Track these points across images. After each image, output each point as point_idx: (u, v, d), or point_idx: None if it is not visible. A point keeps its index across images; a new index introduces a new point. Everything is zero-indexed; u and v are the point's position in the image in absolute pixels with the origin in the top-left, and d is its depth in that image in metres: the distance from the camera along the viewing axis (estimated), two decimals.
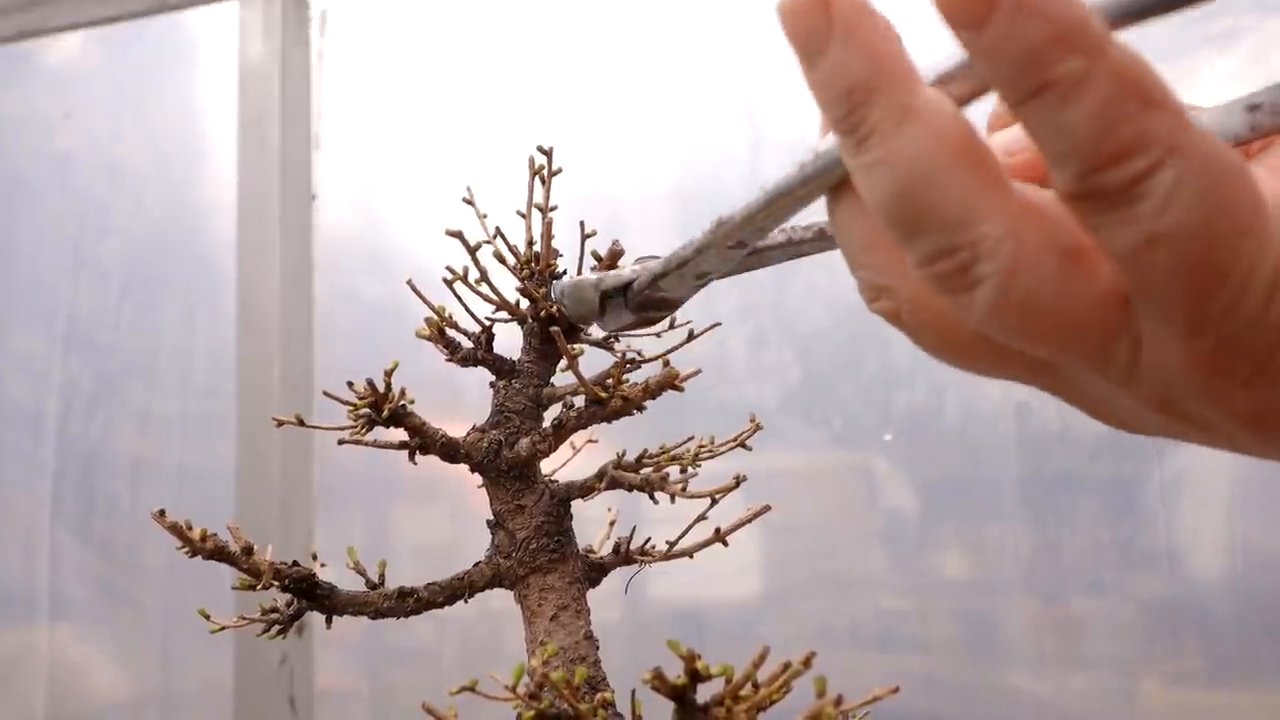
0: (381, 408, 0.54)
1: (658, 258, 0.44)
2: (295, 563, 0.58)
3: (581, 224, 0.57)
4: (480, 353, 0.58)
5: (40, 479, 1.70)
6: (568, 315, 0.50)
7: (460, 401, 1.24)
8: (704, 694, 0.39)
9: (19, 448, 1.73)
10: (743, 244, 0.39)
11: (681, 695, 0.38)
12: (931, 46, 0.33)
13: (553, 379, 0.59)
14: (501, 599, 0.61)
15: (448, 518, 1.53)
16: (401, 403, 0.54)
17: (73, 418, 1.71)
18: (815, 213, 0.38)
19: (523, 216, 0.58)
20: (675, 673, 0.38)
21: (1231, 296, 0.29)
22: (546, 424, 0.58)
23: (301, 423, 0.58)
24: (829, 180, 0.35)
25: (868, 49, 0.30)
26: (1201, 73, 1.27)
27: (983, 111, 0.34)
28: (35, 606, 1.68)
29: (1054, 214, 0.31)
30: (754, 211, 0.37)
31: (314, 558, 0.60)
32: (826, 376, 1.39)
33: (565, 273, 0.57)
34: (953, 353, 0.35)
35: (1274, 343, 0.30)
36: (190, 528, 0.55)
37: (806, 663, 0.38)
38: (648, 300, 0.45)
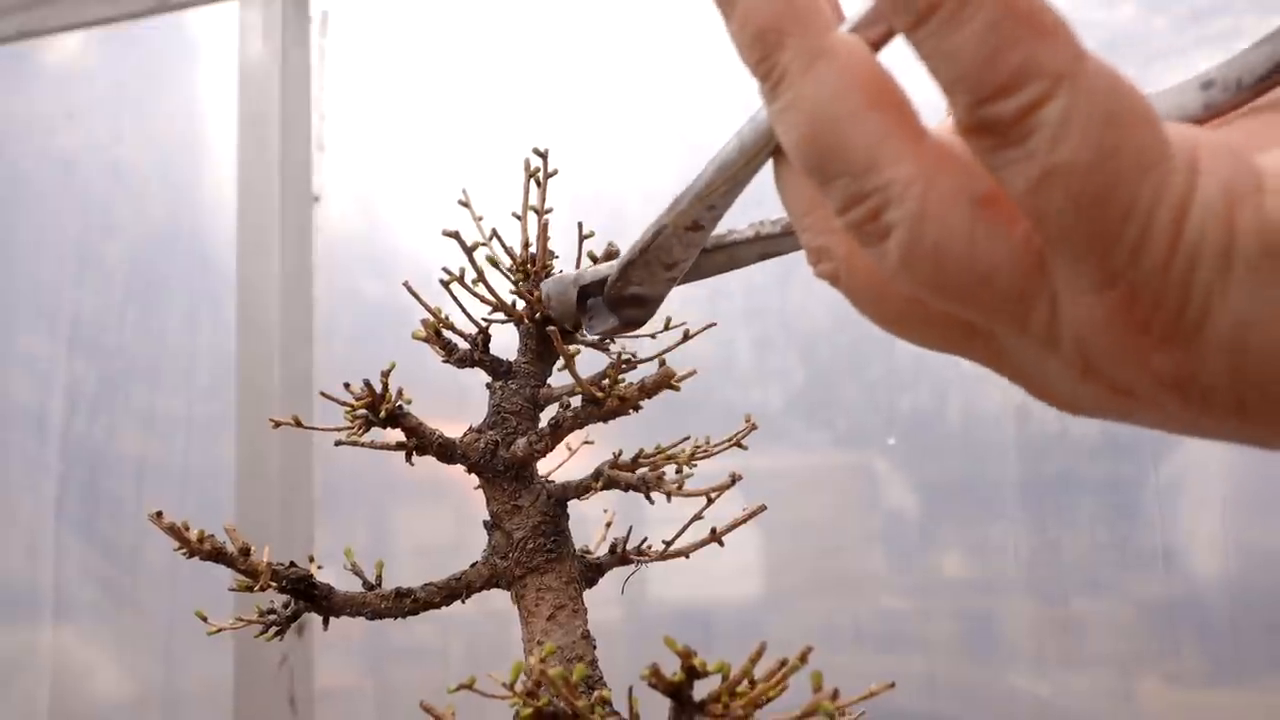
0: (378, 408, 0.54)
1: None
2: (292, 564, 0.58)
3: (579, 225, 0.58)
4: (477, 354, 0.58)
5: (45, 479, 1.71)
6: (553, 315, 0.50)
7: (467, 401, 1.24)
8: (702, 691, 0.39)
9: (23, 448, 1.73)
10: (699, 225, 0.39)
11: (678, 692, 0.38)
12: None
13: (549, 379, 0.59)
14: (503, 598, 0.61)
15: (449, 518, 1.54)
16: (398, 403, 0.55)
17: (77, 418, 1.71)
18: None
19: (519, 218, 0.58)
20: (673, 670, 0.38)
21: (1134, 238, 0.28)
22: (543, 424, 0.58)
23: (299, 424, 0.58)
24: (768, 145, 0.35)
25: None
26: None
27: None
28: (39, 606, 1.69)
29: (970, 162, 0.30)
30: (703, 187, 0.37)
31: (311, 560, 0.61)
32: (830, 378, 1.39)
33: (562, 273, 0.57)
34: (887, 317, 0.35)
35: (1182, 296, 0.28)
36: (188, 529, 0.55)
37: (803, 658, 0.38)
38: (622, 298, 0.45)
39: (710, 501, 0.57)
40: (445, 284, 0.57)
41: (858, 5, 0.31)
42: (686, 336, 0.58)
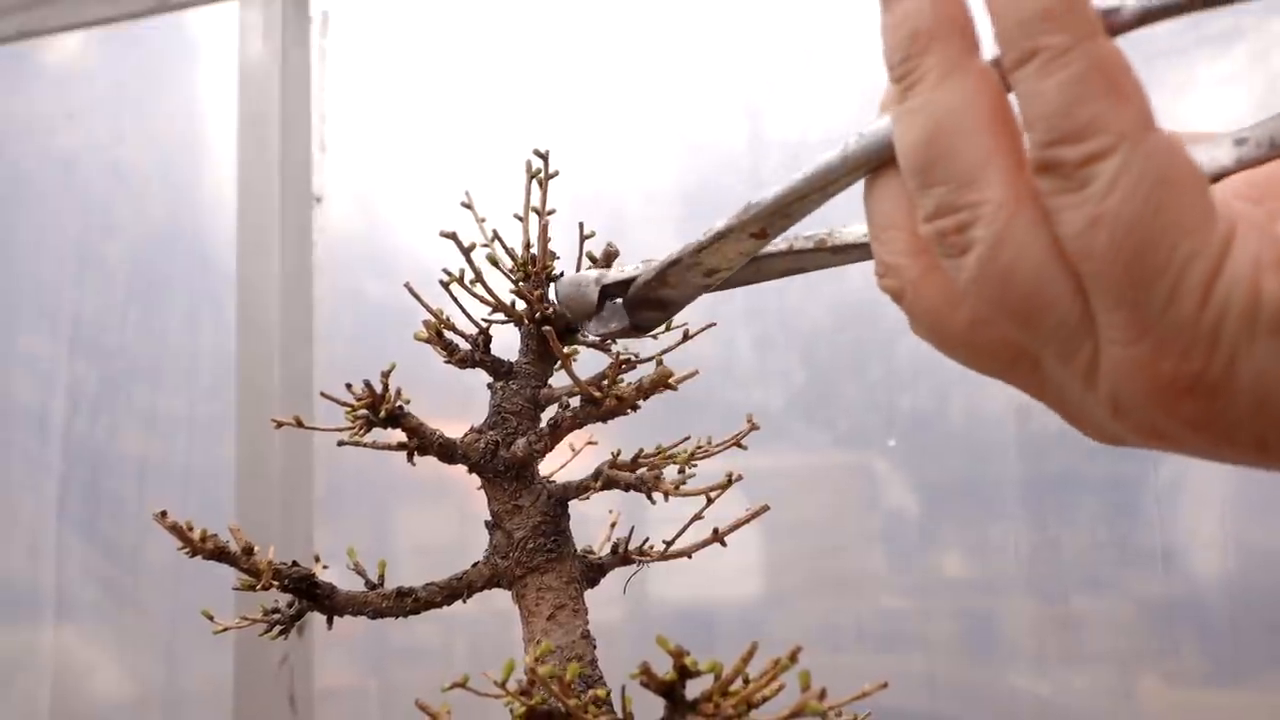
0: (379, 409, 0.54)
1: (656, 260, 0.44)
2: (295, 563, 0.58)
3: (580, 225, 0.58)
4: (478, 354, 0.58)
5: (46, 479, 1.71)
6: (566, 312, 0.50)
7: (472, 401, 1.24)
8: (696, 690, 0.39)
9: (25, 448, 1.73)
10: (765, 233, 0.39)
11: (670, 691, 0.38)
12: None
13: (550, 380, 0.59)
14: (505, 597, 0.61)
15: (451, 518, 1.54)
16: (399, 403, 0.55)
17: (79, 418, 1.71)
18: (814, 224, 0.39)
19: (520, 220, 0.58)
20: (665, 669, 0.38)
21: (1166, 292, 0.30)
22: (543, 424, 0.58)
23: (300, 424, 0.58)
24: (868, 162, 0.36)
25: (941, 3, 0.33)
26: (1201, 73, 1.27)
27: None
28: (41, 606, 1.69)
29: None
30: (788, 194, 0.38)
31: (316, 559, 0.61)
32: (831, 379, 1.39)
33: (562, 274, 0.57)
34: (941, 339, 0.37)
35: (1209, 350, 0.31)
36: (191, 528, 0.55)
37: (793, 657, 0.38)
38: (647, 299, 0.45)
39: (710, 501, 0.57)
40: (445, 285, 0.57)
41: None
42: (686, 337, 0.58)
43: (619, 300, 0.46)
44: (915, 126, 0.33)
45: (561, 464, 0.63)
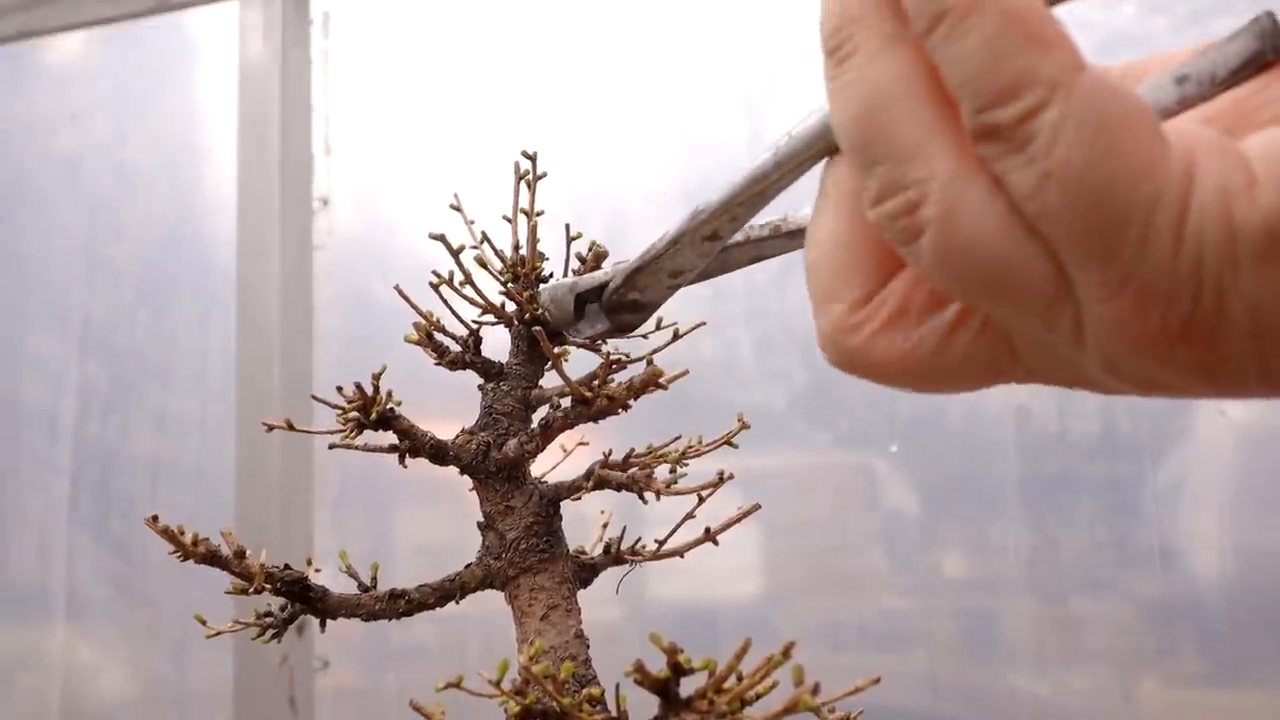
0: (370, 411, 0.54)
1: (625, 261, 0.44)
2: (287, 566, 0.58)
3: (567, 227, 0.58)
4: (468, 356, 0.58)
5: (57, 479, 1.71)
6: (550, 320, 0.50)
7: (474, 402, 1.24)
8: (690, 688, 0.39)
9: (35, 448, 1.74)
10: (717, 235, 0.40)
11: (664, 688, 0.38)
12: None
13: (541, 381, 0.59)
14: (501, 598, 0.61)
15: (449, 518, 1.54)
16: (389, 405, 0.55)
17: (89, 419, 1.71)
18: (770, 211, 0.39)
19: (509, 221, 0.58)
20: (660, 667, 0.38)
21: (1136, 239, 0.29)
22: (534, 425, 0.58)
23: (291, 427, 0.58)
24: (800, 161, 0.36)
25: None
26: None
27: None
28: (51, 605, 1.69)
29: None
30: (729, 198, 0.38)
31: (308, 563, 0.61)
32: (832, 379, 1.39)
33: (551, 276, 0.57)
34: (923, 380, 0.36)
35: (1194, 292, 0.29)
36: (183, 532, 0.55)
37: (786, 653, 0.38)
38: (621, 303, 0.45)
39: (701, 500, 0.57)
40: (435, 287, 0.57)
41: None
42: (676, 336, 0.58)
43: (596, 305, 0.46)
44: (852, 101, 0.31)
45: (553, 465, 0.63)
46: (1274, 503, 1.24)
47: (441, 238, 0.55)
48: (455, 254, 0.56)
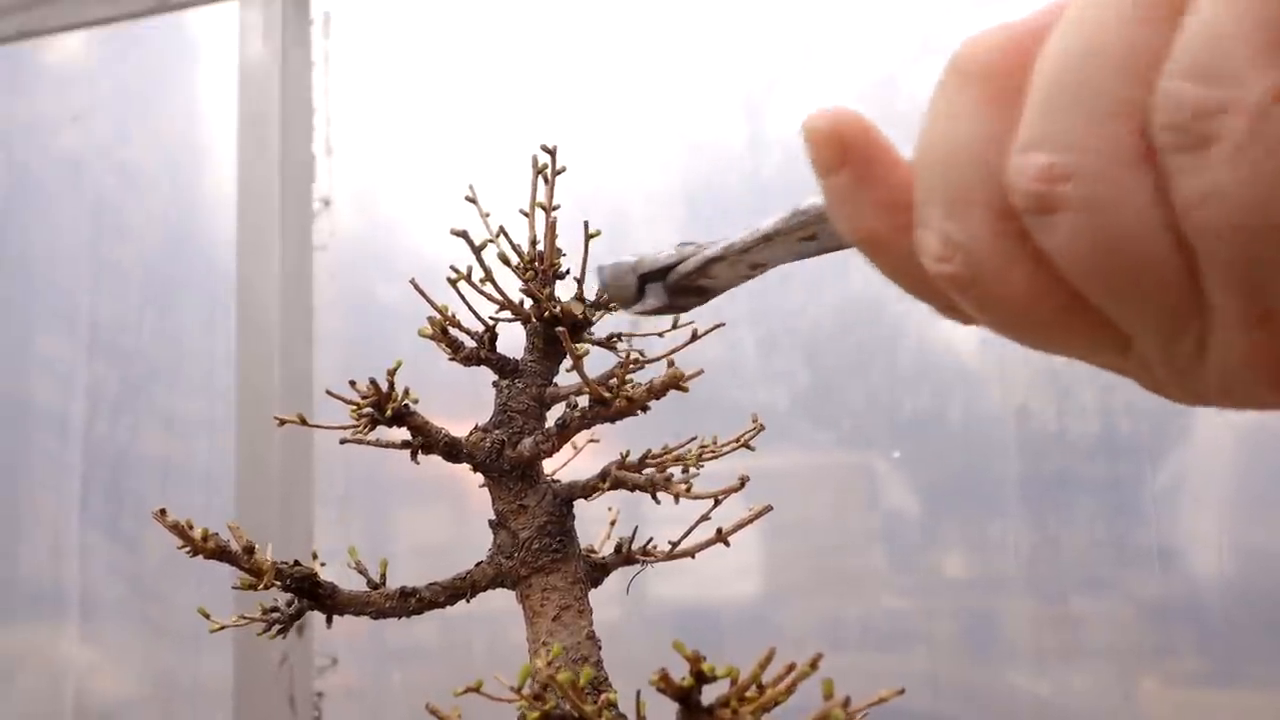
0: (384, 407, 0.54)
1: (692, 244, 0.43)
2: (297, 562, 0.57)
3: (585, 224, 0.57)
4: (483, 352, 0.58)
5: (68, 479, 1.71)
6: (608, 298, 0.49)
7: (481, 400, 1.24)
8: (710, 695, 0.39)
9: (46, 449, 1.73)
10: (815, 237, 0.39)
11: (687, 696, 0.38)
12: None
13: (556, 378, 0.59)
14: (504, 597, 0.60)
15: (449, 518, 1.53)
16: (404, 402, 0.54)
17: (99, 420, 1.71)
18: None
19: (526, 216, 0.58)
20: (681, 674, 0.38)
21: None
22: (550, 424, 0.57)
23: (304, 421, 0.58)
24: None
25: None
26: None
27: None
28: (64, 605, 1.69)
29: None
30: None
31: (314, 557, 0.60)
32: (834, 379, 1.39)
33: (568, 273, 0.57)
34: (1021, 328, 0.32)
35: None
36: (192, 527, 0.55)
37: (814, 665, 0.37)
38: (688, 287, 0.44)
39: (717, 503, 0.57)
40: (453, 282, 0.56)
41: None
42: (695, 337, 0.58)
43: (659, 284, 0.46)
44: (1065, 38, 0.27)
45: (563, 462, 0.62)
46: (1274, 503, 1.25)
47: (464, 234, 0.55)
48: (477, 250, 0.56)
